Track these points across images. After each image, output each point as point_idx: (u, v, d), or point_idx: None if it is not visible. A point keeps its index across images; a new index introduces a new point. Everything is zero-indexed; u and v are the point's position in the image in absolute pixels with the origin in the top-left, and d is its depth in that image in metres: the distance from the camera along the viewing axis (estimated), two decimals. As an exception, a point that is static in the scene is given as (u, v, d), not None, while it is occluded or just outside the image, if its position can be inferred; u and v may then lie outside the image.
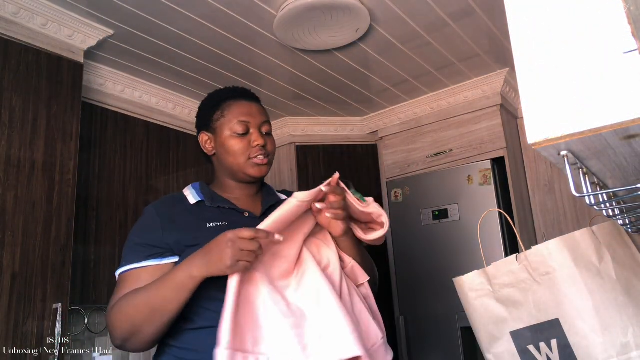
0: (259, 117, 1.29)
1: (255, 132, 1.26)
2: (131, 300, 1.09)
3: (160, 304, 1.05)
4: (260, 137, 1.26)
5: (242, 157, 1.25)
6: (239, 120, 1.26)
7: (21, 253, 1.83)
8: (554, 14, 0.57)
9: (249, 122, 1.26)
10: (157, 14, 2.11)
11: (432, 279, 2.87)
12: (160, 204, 1.26)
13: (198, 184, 1.32)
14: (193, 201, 1.25)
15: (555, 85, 0.56)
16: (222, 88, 1.38)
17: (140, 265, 1.15)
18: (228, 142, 1.26)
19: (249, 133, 1.26)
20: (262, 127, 1.28)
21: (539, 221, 2.93)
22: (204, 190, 1.28)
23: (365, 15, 2.15)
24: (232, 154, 1.26)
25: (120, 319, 1.09)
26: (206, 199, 1.25)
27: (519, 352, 0.82)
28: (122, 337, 1.10)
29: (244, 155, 1.25)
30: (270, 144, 1.29)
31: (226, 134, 1.26)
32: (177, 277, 1.05)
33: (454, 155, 3.01)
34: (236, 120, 1.26)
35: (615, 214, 0.77)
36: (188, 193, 1.29)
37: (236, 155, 1.25)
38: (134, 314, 1.07)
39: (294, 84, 2.84)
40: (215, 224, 1.18)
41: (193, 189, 1.30)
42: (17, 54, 1.95)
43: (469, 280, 0.90)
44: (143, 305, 1.07)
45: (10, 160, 1.86)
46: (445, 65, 2.75)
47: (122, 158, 2.52)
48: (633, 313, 0.75)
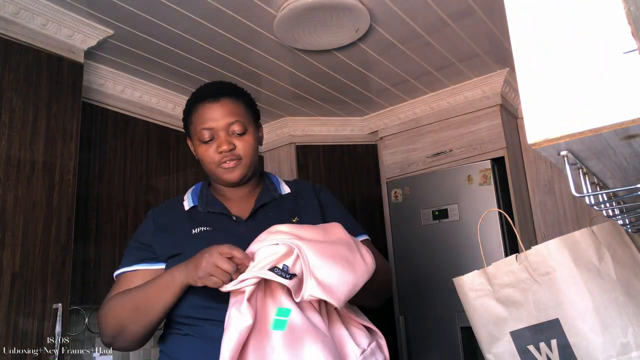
0: (224, 119, 1.20)
1: (220, 137, 1.20)
2: (119, 299, 1.12)
3: (145, 304, 1.08)
4: (224, 142, 1.19)
5: (212, 165, 1.22)
6: (202, 127, 1.20)
7: (21, 253, 1.83)
8: (554, 14, 0.57)
9: (213, 128, 1.20)
10: (157, 14, 2.11)
11: (432, 279, 2.87)
12: (159, 210, 1.28)
13: (200, 186, 1.31)
14: (187, 207, 1.25)
15: (555, 85, 0.56)
16: (199, 87, 1.30)
17: (131, 269, 1.18)
18: (198, 150, 1.23)
19: (215, 138, 1.21)
20: (230, 128, 1.20)
21: (539, 221, 2.93)
22: (202, 194, 1.28)
23: (365, 15, 2.15)
24: (204, 162, 1.23)
25: (108, 317, 1.12)
26: (200, 204, 1.24)
27: (519, 352, 0.82)
28: (110, 334, 1.13)
29: (213, 162, 1.21)
30: (242, 144, 1.21)
31: (196, 142, 1.23)
32: (162, 278, 1.07)
33: (454, 155, 3.01)
34: (200, 128, 1.20)
35: (615, 214, 0.77)
36: (186, 197, 1.29)
37: (206, 163, 1.23)
38: (120, 312, 1.10)
39: (294, 84, 2.84)
40: (200, 229, 1.18)
41: (192, 193, 1.29)
42: (17, 54, 1.95)
43: (469, 280, 0.89)
44: (129, 304, 1.10)
45: (10, 160, 1.86)
46: (445, 65, 2.75)
47: (122, 158, 2.52)
48: (633, 313, 0.75)
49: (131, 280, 1.16)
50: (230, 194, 1.28)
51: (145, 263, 1.18)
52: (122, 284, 1.17)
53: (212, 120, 1.20)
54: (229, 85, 1.28)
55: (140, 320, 1.09)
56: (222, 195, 1.29)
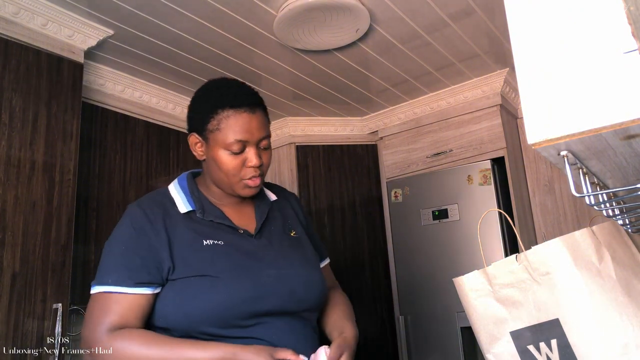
0: (259, 133, 1.13)
1: (251, 151, 1.12)
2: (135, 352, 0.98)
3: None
4: (256, 156, 1.12)
5: (234, 177, 1.13)
6: (235, 139, 1.10)
7: (21, 253, 1.83)
8: (554, 14, 0.57)
9: (247, 141, 1.11)
10: (157, 14, 2.11)
11: (432, 279, 2.87)
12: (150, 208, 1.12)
13: (185, 181, 1.20)
14: (183, 210, 1.14)
15: (555, 85, 0.56)
16: (221, 84, 1.19)
17: (130, 292, 1.03)
18: (220, 158, 1.12)
19: (245, 151, 1.12)
20: (260, 142, 1.14)
21: (539, 221, 2.93)
22: (194, 195, 1.17)
23: (365, 15, 2.15)
24: (223, 171, 1.12)
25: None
26: (197, 210, 1.14)
27: (519, 352, 0.82)
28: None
29: (236, 175, 1.13)
30: (266, 160, 1.16)
31: (219, 149, 1.11)
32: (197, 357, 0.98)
33: (454, 155, 3.01)
34: (233, 138, 1.10)
35: (615, 214, 0.77)
36: (176, 196, 1.17)
37: (228, 174, 1.12)
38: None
39: (294, 84, 2.84)
40: (212, 242, 1.10)
41: (183, 192, 1.18)
42: (17, 54, 1.95)
43: (469, 280, 0.89)
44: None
45: (10, 160, 1.86)
46: (445, 65, 2.75)
47: (122, 158, 2.52)
48: (633, 313, 0.75)
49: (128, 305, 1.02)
50: (227, 200, 1.20)
51: (146, 287, 1.04)
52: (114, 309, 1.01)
53: (247, 132, 1.11)
54: (256, 94, 1.19)
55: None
56: (217, 199, 1.20)
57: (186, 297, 1.04)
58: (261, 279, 1.10)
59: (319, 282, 1.20)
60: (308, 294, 1.15)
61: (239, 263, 1.10)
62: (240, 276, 1.08)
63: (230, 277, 1.07)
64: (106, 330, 1.00)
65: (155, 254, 1.06)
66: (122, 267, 1.05)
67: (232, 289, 1.06)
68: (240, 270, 1.09)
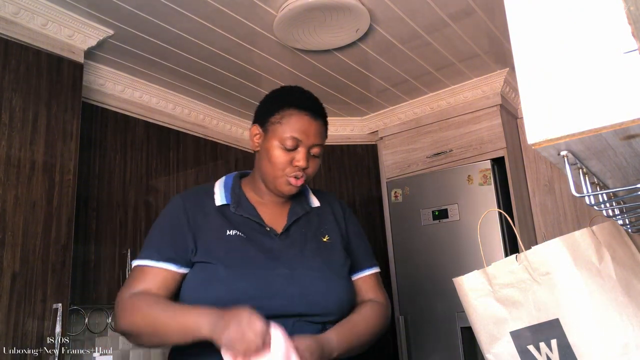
0: (314, 138, 1.21)
1: (302, 152, 1.20)
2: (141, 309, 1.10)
3: (163, 332, 1.07)
4: (304, 159, 1.19)
5: (279, 171, 1.20)
6: (292, 135, 1.19)
7: (21, 253, 1.83)
8: (554, 14, 0.57)
9: (301, 141, 1.20)
10: (157, 14, 2.11)
11: (432, 279, 2.87)
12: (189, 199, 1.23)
13: (231, 180, 1.29)
14: (218, 203, 1.23)
15: (555, 85, 0.56)
16: (295, 89, 1.32)
17: (156, 265, 1.14)
18: (272, 151, 1.20)
19: (296, 150, 1.20)
20: (312, 148, 1.22)
21: (539, 221, 2.93)
22: (234, 191, 1.25)
23: (365, 15, 2.15)
24: (272, 163, 1.20)
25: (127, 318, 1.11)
26: (232, 204, 1.22)
27: (519, 352, 0.82)
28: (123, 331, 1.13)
29: (282, 170, 1.20)
30: (312, 166, 1.23)
31: (274, 142, 1.20)
32: (188, 320, 1.04)
33: (454, 155, 3.01)
34: (289, 134, 1.19)
35: (615, 214, 0.77)
36: (217, 191, 1.26)
37: (274, 167, 1.20)
38: (139, 323, 1.09)
39: (294, 83, 2.82)
40: (235, 233, 1.17)
41: (224, 187, 1.27)
42: (17, 54, 1.95)
43: (469, 280, 0.89)
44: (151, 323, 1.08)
45: (10, 160, 1.86)
46: (445, 65, 2.75)
47: (122, 158, 2.52)
48: (633, 313, 0.75)
49: (153, 277, 1.14)
50: (267, 198, 1.27)
51: (171, 263, 1.15)
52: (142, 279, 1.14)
53: (304, 133, 1.20)
54: (323, 107, 1.29)
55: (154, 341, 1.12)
56: (256, 195, 1.27)
57: (199, 283, 1.14)
58: (269, 277, 1.13)
59: (337, 288, 1.19)
60: (321, 298, 1.15)
61: (253, 257, 1.15)
62: (248, 270, 1.13)
63: (240, 268, 1.13)
64: (130, 294, 1.13)
65: (183, 236, 1.17)
66: (154, 245, 1.18)
67: (237, 281, 1.11)
68: (251, 264, 1.14)
